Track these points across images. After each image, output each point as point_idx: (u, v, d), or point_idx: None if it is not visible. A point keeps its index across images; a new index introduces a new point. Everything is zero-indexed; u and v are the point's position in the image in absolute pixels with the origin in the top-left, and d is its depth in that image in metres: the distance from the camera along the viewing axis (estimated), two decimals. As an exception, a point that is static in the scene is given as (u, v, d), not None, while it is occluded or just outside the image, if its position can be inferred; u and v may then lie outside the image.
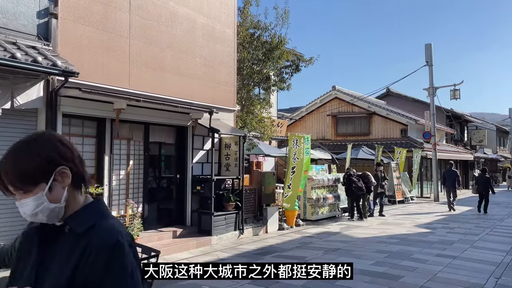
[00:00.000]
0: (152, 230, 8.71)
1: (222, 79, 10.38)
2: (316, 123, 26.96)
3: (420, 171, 23.25)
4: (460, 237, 9.95)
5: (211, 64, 10.03)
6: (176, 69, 9.08)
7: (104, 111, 7.73)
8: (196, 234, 9.10)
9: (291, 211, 11.53)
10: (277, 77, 13.81)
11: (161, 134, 9.25)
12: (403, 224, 12.00)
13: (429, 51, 20.46)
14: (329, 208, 13.65)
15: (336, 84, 26.34)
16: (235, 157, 10.01)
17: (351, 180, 13.13)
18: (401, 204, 18.24)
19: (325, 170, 14.02)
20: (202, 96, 9.68)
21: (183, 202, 9.50)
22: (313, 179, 12.84)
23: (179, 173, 9.52)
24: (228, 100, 10.61)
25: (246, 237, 9.90)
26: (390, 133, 24.49)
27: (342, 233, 10.62)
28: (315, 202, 12.82)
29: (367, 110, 25.10)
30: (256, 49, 13.10)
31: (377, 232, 10.66)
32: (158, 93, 8.54)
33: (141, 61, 8.32)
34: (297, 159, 11.25)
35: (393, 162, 19.32)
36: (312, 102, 27.06)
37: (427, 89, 20.85)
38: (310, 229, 11.31)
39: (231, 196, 9.67)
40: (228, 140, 10.18)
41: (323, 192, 13.37)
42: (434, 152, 20.58)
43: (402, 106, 30.88)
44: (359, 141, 24.38)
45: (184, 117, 9.42)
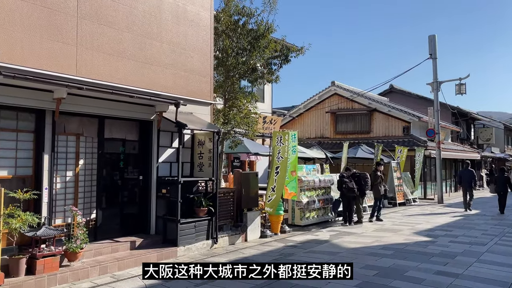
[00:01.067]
0: (106, 240, 7.54)
1: (195, 68, 9.20)
2: (315, 121, 25.74)
3: (424, 171, 21.98)
4: (465, 247, 8.71)
5: (182, 51, 8.86)
6: (138, 56, 7.90)
7: (44, 102, 6.58)
8: (160, 245, 7.93)
9: (275, 216, 10.33)
10: (265, 68, 12.62)
11: (120, 130, 8.09)
12: (401, 231, 10.76)
13: (433, 43, 19.15)
14: (320, 212, 12.44)
15: (336, 80, 25.08)
16: (209, 155, 8.83)
17: (342, 180, 11.92)
18: (402, 207, 16.98)
19: (316, 170, 12.80)
20: (171, 87, 8.51)
21: (147, 207, 8.33)
22: (302, 180, 11.64)
23: (143, 174, 8.36)
24: (203, 92, 9.43)
25: (220, 246, 8.72)
26: (392, 131, 23.21)
27: (331, 241, 9.41)
28: (305, 206, 11.62)
29: (367, 107, 23.83)
30: (240, 38, 11.92)
31: (370, 240, 9.44)
32: (115, 82, 7.38)
33: (93, 45, 7.16)
34: (281, 158, 10.05)
35: (394, 161, 18.05)
36: (311, 99, 25.83)
37: (431, 84, 19.55)
38: (297, 236, 10.10)
39: (203, 200, 8.50)
40: (202, 136, 9.01)
41: (314, 194, 12.16)
42: (438, 151, 19.28)
43: (405, 104, 29.58)
44: (360, 139, 23.14)
45: (149, 110, 8.26)
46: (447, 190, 25.34)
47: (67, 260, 6.43)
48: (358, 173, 12.46)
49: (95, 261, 6.68)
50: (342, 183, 11.93)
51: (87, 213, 7.49)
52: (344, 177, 12.02)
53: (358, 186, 11.97)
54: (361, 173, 12.49)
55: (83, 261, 6.59)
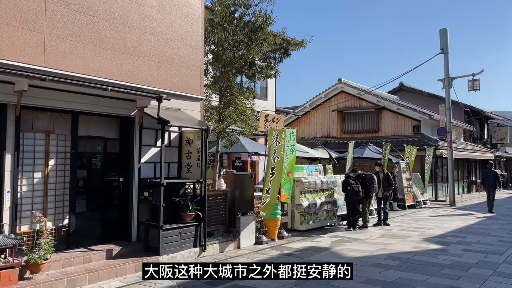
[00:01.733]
0: (80, 249, 6.83)
1: (183, 61, 8.48)
2: (321, 120, 24.89)
3: (435, 171, 21.04)
4: (480, 257, 7.85)
5: (168, 41, 8.14)
6: (117, 46, 7.20)
7: (5, 95, 5.91)
8: (141, 253, 7.21)
9: (272, 221, 9.56)
10: (264, 62, 11.85)
11: (97, 127, 7.38)
12: (409, 237, 9.91)
13: (444, 37, 18.20)
14: (323, 215, 11.63)
15: (342, 77, 24.19)
16: (197, 155, 8.09)
17: (347, 182, 11.10)
18: (412, 210, 16.08)
19: (318, 171, 12.00)
20: (155, 81, 7.80)
21: (127, 212, 7.61)
22: (302, 181, 10.85)
23: (123, 176, 7.65)
24: (192, 87, 8.70)
25: (209, 255, 7.98)
26: (401, 130, 22.28)
27: (331, 249, 8.61)
28: (305, 209, 10.83)
29: (376, 105, 22.92)
30: (237, 30, 11.17)
31: (375, 248, 8.62)
32: (89, 73, 6.69)
33: (64, 33, 6.46)
34: (277, 158, 9.28)
35: (403, 161, 17.15)
36: (316, 97, 24.98)
37: (442, 80, 18.60)
38: (295, 243, 9.32)
39: (190, 204, 7.77)
40: (191, 135, 8.28)
41: (316, 197, 11.36)
42: (450, 150, 18.33)
43: (416, 102, 28.61)
44: (367, 138, 22.26)
45: (130, 106, 7.55)
46: (459, 192, 24.32)
47: (30, 273, 5.73)
48: (363, 174, 11.62)
49: (62, 273, 5.97)
50: (347, 185, 11.12)
51: (59, 219, 6.79)
52: (349, 179, 11.19)
53: (363, 188, 11.15)
54: (366, 175, 11.65)
55: (48, 274, 5.89)
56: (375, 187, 11.25)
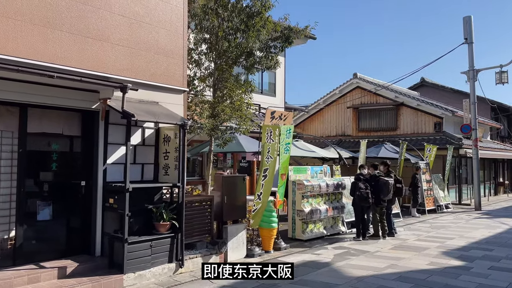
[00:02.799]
0: (29, 265, 5.81)
1: (162, 47, 7.39)
2: (335, 117, 23.52)
3: (458, 172, 19.46)
4: (510, 278, 6.50)
5: (142, 24, 7.05)
6: (77, 28, 6.15)
7: None
8: (103, 271, 6.14)
9: (267, 230, 8.39)
10: (263, 52, 10.67)
11: (53, 122, 6.34)
12: (426, 250, 8.59)
13: (468, 26, 16.65)
14: (328, 223, 10.40)
15: (358, 72, 22.78)
16: (175, 155, 6.98)
17: (356, 185, 9.83)
18: (432, 215, 14.64)
19: (324, 173, 10.74)
20: (126, 69, 6.74)
21: (90, 222, 6.56)
22: (304, 184, 9.63)
23: (85, 179, 6.59)
24: (173, 77, 7.60)
25: (188, 271, 6.86)
26: (421, 128, 20.73)
27: (332, 265, 7.38)
28: (307, 216, 9.61)
29: (394, 101, 21.41)
30: (232, 16, 10.04)
31: (384, 264, 7.35)
32: (41, 59, 5.67)
33: (6, 10, 5.45)
34: (270, 158, 8.10)
35: (422, 162, 15.70)
36: (331, 93, 23.60)
37: (466, 73, 17.05)
38: (292, 255, 8.12)
39: (164, 212, 6.66)
40: (170, 132, 7.16)
41: (320, 202, 10.13)
42: (475, 149, 16.77)
43: (439, 98, 26.89)
44: (385, 137, 20.81)
45: (92, 98, 6.49)
46: (486, 194, 22.61)
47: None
48: (377, 175, 10.12)
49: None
50: (355, 188, 9.84)
51: (4, 230, 5.78)
52: (359, 181, 9.86)
53: (374, 192, 9.83)
54: (380, 176, 10.16)
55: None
56: (388, 191, 9.81)
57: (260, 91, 18.67)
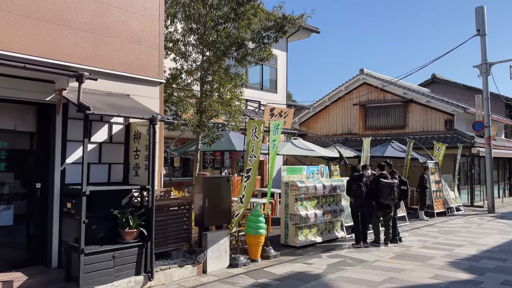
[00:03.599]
0: (-31, 279, 5.11)
1: (133, 34, 6.65)
2: (341, 115, 22.61)
3: (470, 172, 18.43)
4: (528, 296, 5.63)
5: (109, 8, 6.32)
6: (30, 9, 5.43)
7: None
8: (59, 285, 5.42)
9: (253, 237, 7.60)
10: (256, 43, 9.89)
11: (1, 116, 5.62)
12: (431, 260, 7.71)
13: (480, 16, 15.65)
14: (325, 228, 9.57)
15: (364, 67, 21.83)
16: (145, 154, 6.23)
17: (351, 183, 9.00)
18: (442, 218, 13.70)
19: (321, 173, 9.91)
20: (89, 57, 6.01)
21: (46, 229, 5.84)
22: (297, 186, 8.82)
23: (41, 181, 5.87)
24: (147, 67, 6.86)
25: (159, 284, 6.11)
26: (431, 125, 19.72)
27: (323, 278, 6.56)
28: (301, 220, 8.80)
29: (402, 97, 20.43)
30: (221, 3, 9.29)
31: (381, 278, 6.51)
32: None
33: None
34: (253, 157, 7.31)
35: (431, 161, 14.75)
36: (336, 90, 22.69)
37: (479, 66, 16.03)
38: (281, 265, 7.32)
39: (131, 218, 5.92)
40: (142, 128, 6.41)
41: (315, 204, 9.31)
42: (488, 148, 15.76)
43: (450, 95, 25.76)
44: (393, 135, 19.86)
45: (49, 89, 5.78)
46: (500, 195, 21.52)
47: None
48: (378, 177, 9.29)
49: None
50: (350, 187, 9.03)
51: None
52: (355, 180, 9.01)
53: (372, 194, 8.99)
54: (380, 178, 9.28)
55: None
56: (385, 195, 8.94)
57: (260, 87, 17.90)
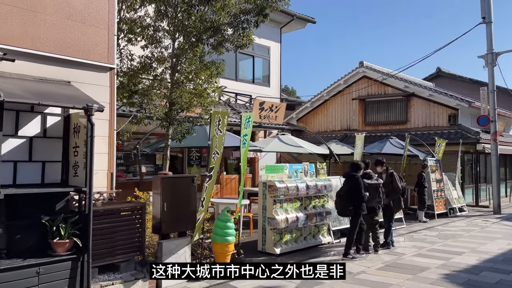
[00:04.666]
0: None
1: (75, 11, 5.74)
2: (340, 110, 21.58)
3: (476, 170, 17.35)
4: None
5: (43, -21, 5.41)
6: None
7: None
8: (-31, 306, 4.53)
9: (220, 246, 6.67)
10: (234, 27, 8.95)
11: None
12: (424, 271, 6.74)
13: (486, 3, 14.55)
14: (309, 232, 8.63)
15: (364, 60, 20.76)
16: (84, 151, 5.31)
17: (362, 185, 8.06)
18: (443, 220, 12.69)
19: (304, 172, 8.93)
20: (17, 37, 5.11)
21: (-41, 239, 4.95)
22: (276, 187, 7.87)
23: (-46, 182, 4.98)
24: (93, 51, 5.94)
25: (98, 303, 5.21)
26: (434, 121, 18.64)
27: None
28: (281, 225, 7.85)
29: (403, 91, 19.36)
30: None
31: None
32: None
33: None
34: (216, 154, 6.36)
35: (432, 158, 13.73)
36: (335, 83, 21.64)
37: (484, 56, 14.94)
38: (249, 280, 6.37)
39: (62, 227, 5.01)
40: (83, 119, 5.48)
41: (298, 207, 8.37)
42: (494, 144, 14.68)
43: (456, 90, 24.60)
44: (394, 131, 18.82)
45: (-37, 74, 4.88)
46: (508, 194, 20.38)
47: None
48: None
49: None
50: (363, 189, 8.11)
51: None
52: (367, 181, 8.05)
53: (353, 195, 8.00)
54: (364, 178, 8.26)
55: None
56: (365, 195, 7.92)
57: (252, 80, 16.95)
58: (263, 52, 17.11)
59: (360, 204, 7.57)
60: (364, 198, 7.62)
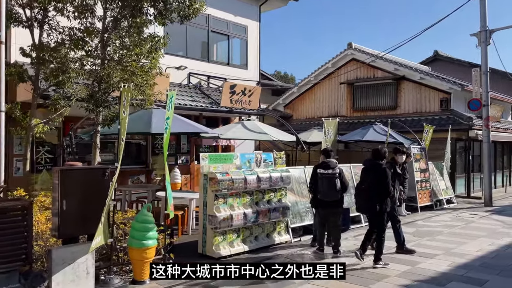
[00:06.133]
0: None
1: None
2: (328, 95, 20.38)
3: (468, 159, 16.16)
4: None
5: None
6: None
7: None
8: None
9: (137, 251, 5.58)
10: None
11: None
12: (381, 281, 5.63)
13: (479, -25, 13.20)
14: (261, 231, 7.53)
15: (353, 42, 19.44)
16: None
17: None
18: (426, 213, 11.56)
19: (257, 162, 7.78)
20: None
21: None
22: (217, 179, 6.75)
23: None
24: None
25: (-46, 328, 4.15)
26: (425, 106, 17.41)
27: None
28: (223, 223, 6.76)
29: (393, 74, 18.08)
30: None
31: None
32: None
33: None
34: (122, 143, 5.23)
35: (416, 146, 12.55)
36: (322, 67, 20.40)
37: (477, 34, 13.63)
38: None
39: None
40: None
41: (246, 202, 7.26)
42: (486, 130, 13.45)
43: (454, 74, 23.22)
44: (383, 117, 17.62)
45: None
46: (504, 184, 19.22)
47: None
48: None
49: None
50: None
51: None
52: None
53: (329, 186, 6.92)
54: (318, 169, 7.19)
55: None
56: (323, 188, 6.83)
57: (227, 62, 15.72)
58: (239, 32, 15.85)
59: (386, 199, 6.48)
60: (391, 192, 6.56)
